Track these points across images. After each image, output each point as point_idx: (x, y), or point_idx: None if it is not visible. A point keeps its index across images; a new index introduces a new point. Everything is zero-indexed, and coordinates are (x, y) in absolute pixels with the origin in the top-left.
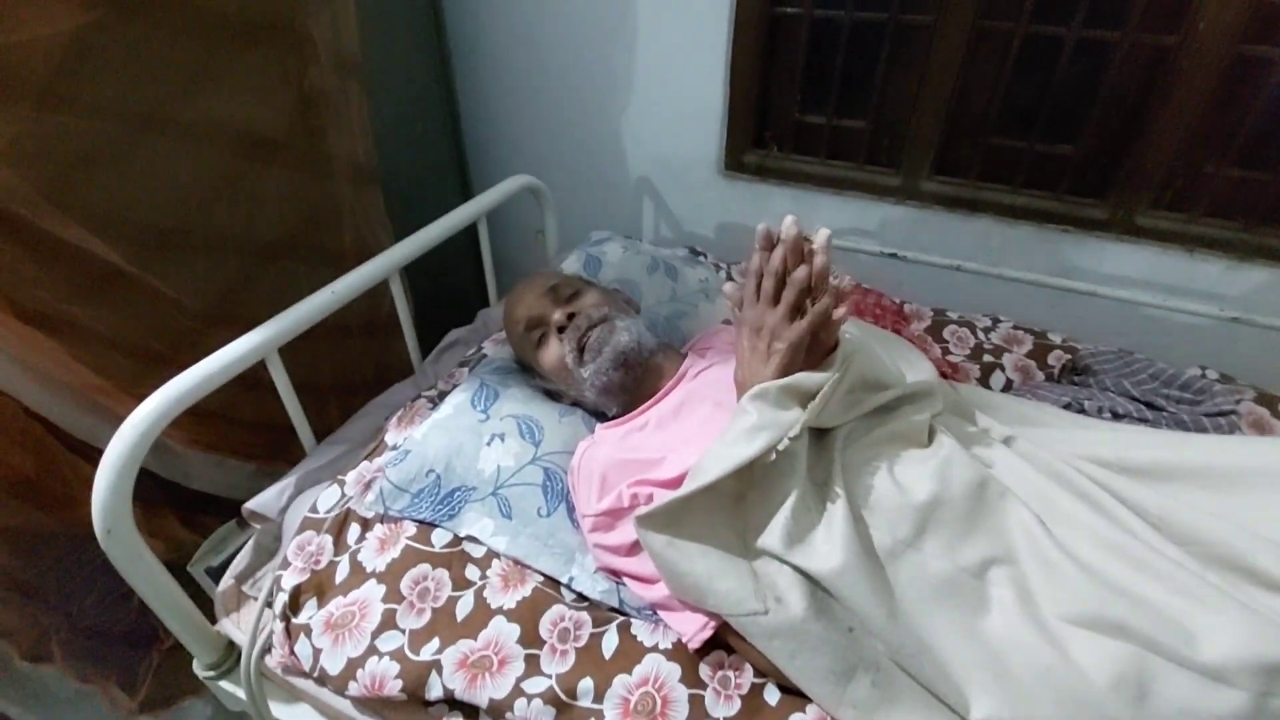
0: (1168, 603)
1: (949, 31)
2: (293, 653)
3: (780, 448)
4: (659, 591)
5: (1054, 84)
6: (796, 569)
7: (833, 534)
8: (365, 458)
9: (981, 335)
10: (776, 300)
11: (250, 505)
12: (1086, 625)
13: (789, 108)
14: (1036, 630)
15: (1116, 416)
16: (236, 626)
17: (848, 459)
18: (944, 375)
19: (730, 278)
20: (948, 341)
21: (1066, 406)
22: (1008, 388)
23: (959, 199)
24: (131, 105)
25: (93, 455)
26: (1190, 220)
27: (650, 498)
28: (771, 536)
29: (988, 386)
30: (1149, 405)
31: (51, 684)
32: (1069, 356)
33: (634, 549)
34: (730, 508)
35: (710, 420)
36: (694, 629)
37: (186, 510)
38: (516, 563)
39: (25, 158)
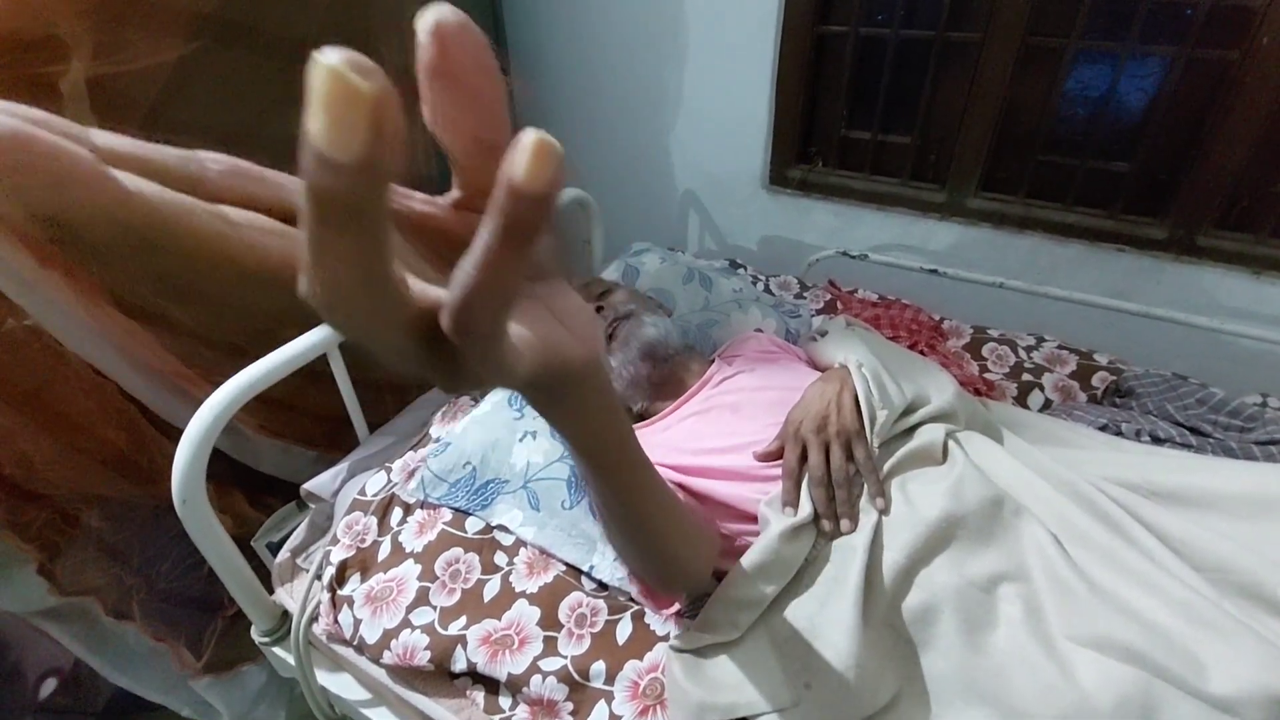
0: (1180, 630)
1: (997, 48)
2: (336, 621)
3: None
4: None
5: (1108, 100)
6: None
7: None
8: (411, 448)
9: (1023, 354)
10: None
11: (307, 486)
12: (1094, 647)
13: (834, 123)
14: (1041, 648)
15: (1157, 441)
16: (290, 596)
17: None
18: (977, 392)
19: (769, 290)
20: (986, 359)
21: (1103, 428)
22: (1046, 408)
23: (1006, 216)
24: (221, 125)
25: (176, 436)
26: (1256, 241)
27: None
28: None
29: (1025, 406)
30: (1194, 431)
31: (130, 640)
32: (1114, 378)
33: None
34: None
35: (728, 427)
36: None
37: (255, 491)
38: (542, 552)
39: None
